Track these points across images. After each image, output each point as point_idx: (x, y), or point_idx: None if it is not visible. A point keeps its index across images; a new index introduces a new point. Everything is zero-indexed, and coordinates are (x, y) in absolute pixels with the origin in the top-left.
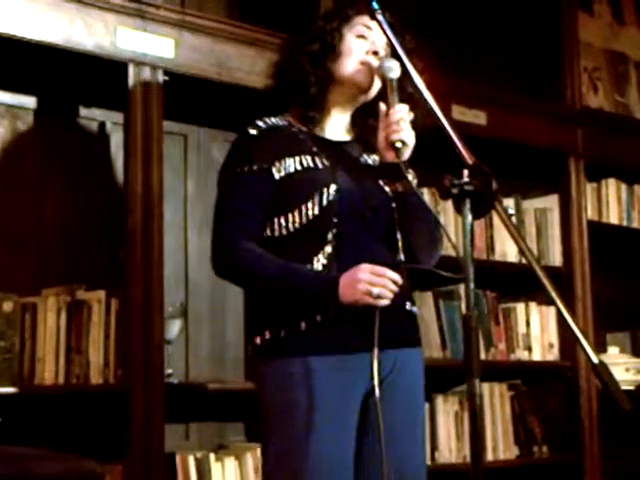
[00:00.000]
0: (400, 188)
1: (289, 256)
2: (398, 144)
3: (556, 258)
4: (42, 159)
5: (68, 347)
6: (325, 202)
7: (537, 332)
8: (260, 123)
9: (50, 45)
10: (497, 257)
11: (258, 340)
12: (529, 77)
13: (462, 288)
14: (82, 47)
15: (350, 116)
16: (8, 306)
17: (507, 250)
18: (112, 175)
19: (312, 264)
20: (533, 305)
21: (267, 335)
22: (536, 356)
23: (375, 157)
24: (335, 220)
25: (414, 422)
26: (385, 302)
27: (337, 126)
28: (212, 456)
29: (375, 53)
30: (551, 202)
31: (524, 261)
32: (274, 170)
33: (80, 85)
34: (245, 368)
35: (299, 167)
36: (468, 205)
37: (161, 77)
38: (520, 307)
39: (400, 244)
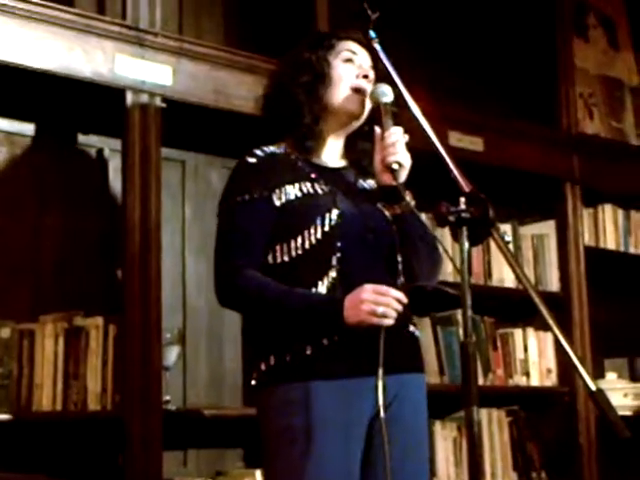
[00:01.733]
0: (398, 210)
1: (292, 282)
2: (395, 166)
3: (553, 284)
4: (40, 185)
5: (66, 373)
6: (327, 227)
7: (535, 358)
8: (258, 151)
9: (49, 72)
10: (494, 282)
11: (263, 366)
12: (525, 103)
13: (460, 314)
14: (80, 74)
15: (343, 141)
16: (5, 332)
17: (504, 275)
18: (110, 201)
19: (317, 288)
20: (531, 330)
21: (272, 361)
22: (534, 381)
23: (370, 181)
24: (339, 244)
25: (419, 447)
26: (389, 322)
27: (332, 152)
28: None
29: (365, 77)
30: (548, 228)
31: (522, 286)
32: (274, 197)
33: (78, 112)
34: (243, 394)
35: (299, 194)
36: (465, 233)
37: (159, 104)
38: (518, 332)
39: (400, 267)
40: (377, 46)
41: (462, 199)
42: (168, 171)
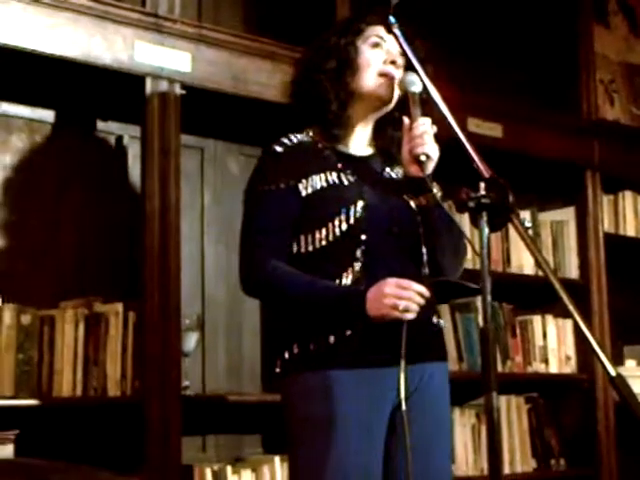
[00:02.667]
0: (424, 202)
1: (316, 273)
2: (422, 157)
3: (572, 271)
4: (60, 172)
5: (86, 359)
6: (352, 219)
7: (554, 345)
8: (285, 140)
9: (69, 59)
10: (513, 269)
11: (287, 355)
12: (545, 89)
13: (479, 300)
14: (100, 61)
15: (372, 128)
16: (26, 319)
17: (523, 262)
18: (129, 188)
19: (341, 280)
20: (550, 317)
21: (295, 349)
22: (553, 369)
23: (398, 170)
24: (363, 237)
25: (441, 436)
26: (412, 315)
27: (360, 140)
28: (229, 468)
29: (393, 62)
30: (567, 215)
31: (540, 273)
32: (301, 187)
33: (98, 99)
34: (262, 381)
35: (325, 184)
36: (485, 218)
37: (178, 91)
38: (537, 319)
39: (425, 258)
40: (397, 32)
41: (482, 185)
42: (187, 158)
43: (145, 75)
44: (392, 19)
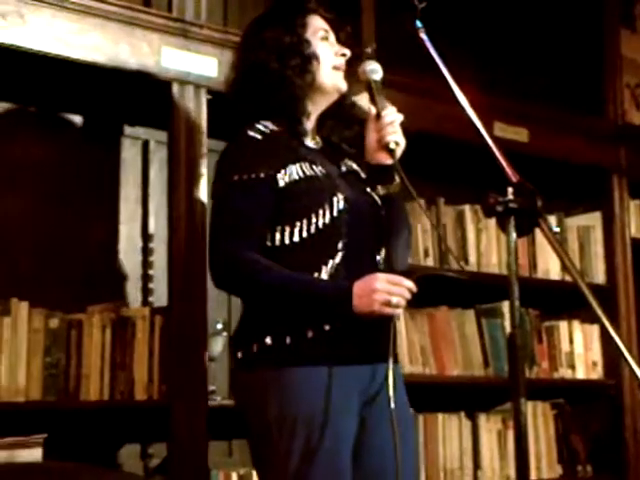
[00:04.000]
0: (386, 191)
1: (294, 266)
2: (392, 145)
3: (599, 276)
4: (87, 177)
5: (113, 363)
6: (336, 211)
7: (580, 350)
8: (260, 127)
9: (96, 64)
10: (540, 274)
11: (255, 347)
12: (571, 94)
13: (505, 306)
14: (127, 66)
15: (316, 120)
16: (54, 323)
17: (550, 267)
18: (156, 193)
19: (319, 273)
20: (576, 323)
21: (268, 341)
22: (580, 374)
23: (348, 162)
24: (345, 229)
25: (408, 436)
26: (400, 311)
27: (313, 133)
28: (255, 473)
29: (343, 55)
30: (594, 220)
31: (567, 278)
32: (279, 177)
33: (125, 104)
34: None
35: (302, 174)
36: (512, 223)
37: (204, 96)
38: (563, 325)
39: (382, 249)
40: (424, 36)
41: (510, 189)
42: (213, 163)
43: (171, 80)
44: (419, 23)
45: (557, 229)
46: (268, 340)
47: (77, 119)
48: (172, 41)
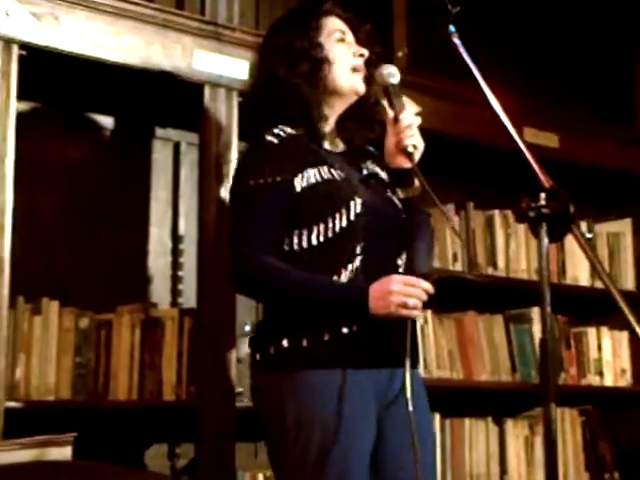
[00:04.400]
0: (406, 194)
1: (313, 269)
2: (410, 148)
3: (629, 282)
4: (118, 178)
5: (142, 364)
6: (353, 215)
7: (609, 357)
8: (278, 131)
9: (129, 66)
10: (569, 281)
11: (272, 349)
12: (602, 100)
13: (534, 311)
14: (159, 68)
15: (335, 123)
16: (84, 323)
17: (579, 274)
18: (186, 195)
19: (339, 277)
20: (605, 330)
21: (285, 343)
22: (608, 382)
23: (370, 165)
24: (363, 233)
25: (427, 443)
26: (417, 313)
27: (333, 136)
28: None
29: (361, 55)
30: (624, 226)
31: (596, 285)
32: (296, 181)
33: (156, 106)
34: None
35: (319, 178)
36: (545, 228)
37: (236, 98)
38: (592, 332)
39: (403, 252)
40: (457, 41)
41: (542, 195)
42: None
43: (203, 83)
44: (452, 28)
45: (590, 235)
46: (284, 342)
47: (109, 120)
48: (204, 44)
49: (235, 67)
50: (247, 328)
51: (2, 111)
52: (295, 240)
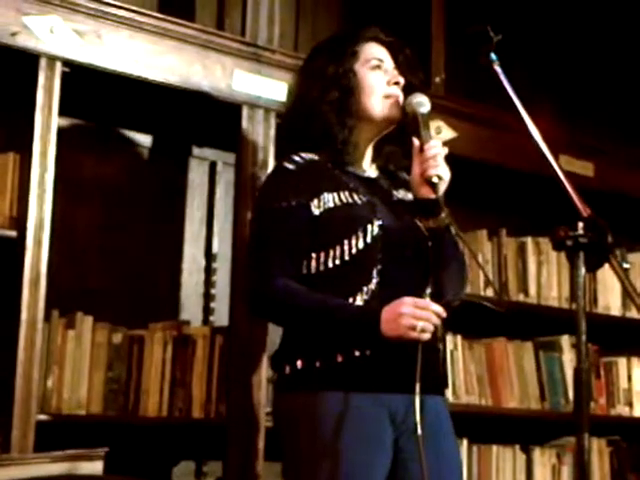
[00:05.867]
0: (433, 225)
1: (329, 292)
2: (435, 179)
3: None
4: (154, 196)
5: (173, 380)
6: (370, 238)
7: (639, 388)
8: (296, 157)
9: (169, 86)
10: (600, 310)
11: (287, 369)
12: (637, 128)
13: (564, 339)
14: (199, 88)
15: (372, 148)
16: (117, 338)
17: (610, 303)
18: (221, 214)
19: (354, 300)
20: (635, 360)
21: (299, 364)
22: (638, 412)
23: (402, 192)
24: (379, 256)
25: (454, 472)
26: (427, 336)
27: (366, 162)
28: None
29: (397, 83)
30: None
31: (628, 315)
32: (313, 206)
33: (194, 125)
34: None
35: (338, 202)
36: (582, 258)
37: (273, 120)
38: (622, 362)
39: (430, 281)
40: (498, 69)
41: (580, 224)
42: None
43: (242, 103)
44: (494, 56)
45: (627, 265)
46: (299, 363)
47: (147, 139)
48: (244, 65)
49: (274, 88)
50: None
51: (44, 127)
52: (313, 264)
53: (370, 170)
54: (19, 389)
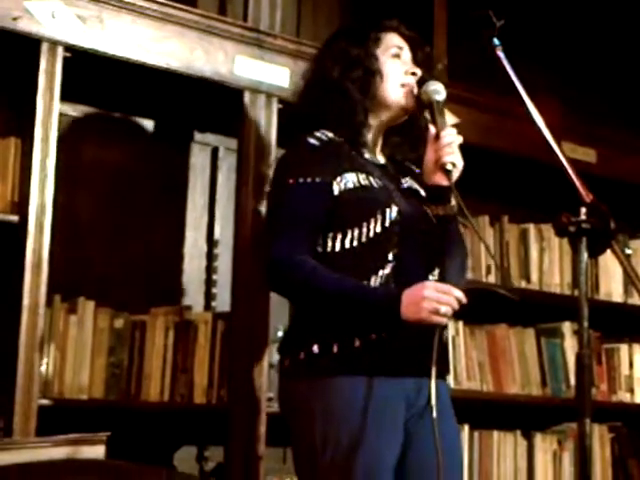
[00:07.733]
0: (442, 212)
1: (343, 273)
2: (449, 166)
3: None
4: (156, 181)
5: (174, 366)
6: (388, 222)
7: None
8: (319, 134)
9: (171, 71)
10: (602, 296)
11: (302, 355)
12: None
13: (565, 326)
14: (201, 73)
15: (382, 137)
16: (119, 323)
17: (612, 290)
18: (223, 199)
19: (369, 282)
20: (637, 346)
21: (315, 349)
22: (639, 398)
23: (409, 180)
24: (396, 240)
25: (453, 455)
26: (446, 320)
27: (377, 148)
28: None
29: (413, 74)
30: None
31: (629, 301)
32: (334, 184)
33: (196, 110)
34: None
35: (357, 184)
36: (584, 243)
37: (275, 105)
38: (623, 348)
39: (436, 267)
40: (501, 54)
41: (583, 210)
42: None
43: (244, 89)
44: (496, 41)
45: (629, 251)
46: (315, 348)
47: (149, 124)
48: (246, 50)
49: (276, 74)
50: (280, 334)
51: (45, 112)
52: (329, 243)
53: (380, 157)
54: (21, 374)
